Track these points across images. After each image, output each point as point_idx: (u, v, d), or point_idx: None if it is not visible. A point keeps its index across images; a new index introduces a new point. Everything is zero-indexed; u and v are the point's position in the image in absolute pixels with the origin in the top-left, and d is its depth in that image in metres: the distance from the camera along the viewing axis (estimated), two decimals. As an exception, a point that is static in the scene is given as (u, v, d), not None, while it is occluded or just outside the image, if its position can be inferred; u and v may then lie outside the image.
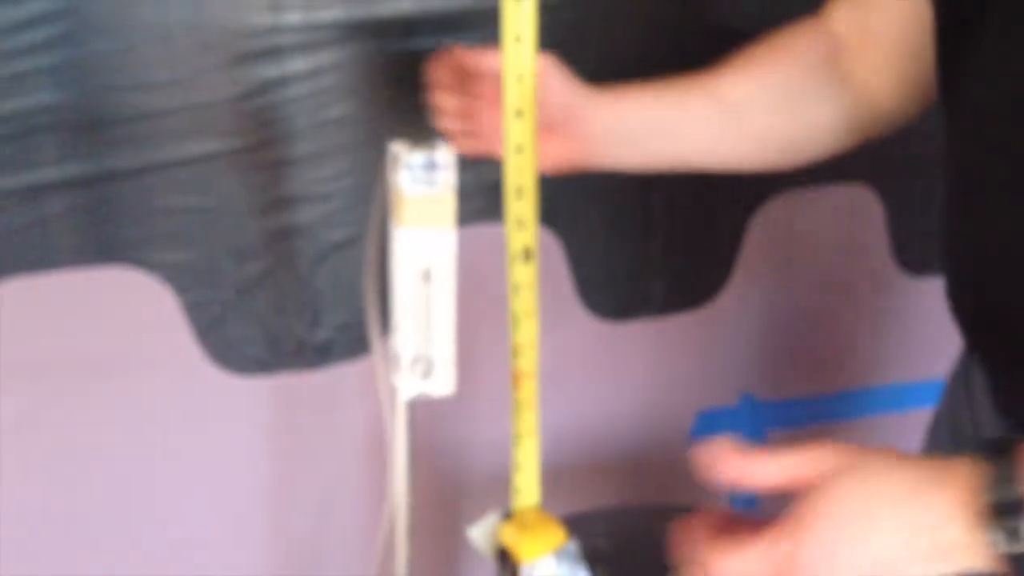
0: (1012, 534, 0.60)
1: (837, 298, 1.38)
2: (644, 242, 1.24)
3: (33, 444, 1.08)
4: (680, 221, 1.27)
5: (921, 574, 0.64)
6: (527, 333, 0.88)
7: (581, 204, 1.19)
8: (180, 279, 1.06)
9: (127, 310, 1.05)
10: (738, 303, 1.31)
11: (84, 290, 1.03)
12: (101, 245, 1.02)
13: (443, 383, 0.82)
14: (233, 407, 1.12)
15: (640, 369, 1.28)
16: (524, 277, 0.86)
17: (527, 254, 0.86)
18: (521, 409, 0.91)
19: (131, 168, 1.01)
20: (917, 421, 1.41)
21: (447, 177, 0.78)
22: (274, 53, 1.01)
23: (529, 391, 0.91)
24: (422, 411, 0.90)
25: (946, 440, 0.98)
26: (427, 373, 0.81)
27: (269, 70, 1.01)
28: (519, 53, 0.78)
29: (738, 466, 0.69)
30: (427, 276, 0.81)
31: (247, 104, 1.02)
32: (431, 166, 0.77)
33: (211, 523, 1.16)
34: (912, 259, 1.36)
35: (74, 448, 1.09)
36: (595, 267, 1.24)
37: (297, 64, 1.02)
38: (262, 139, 1.04)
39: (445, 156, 0.78)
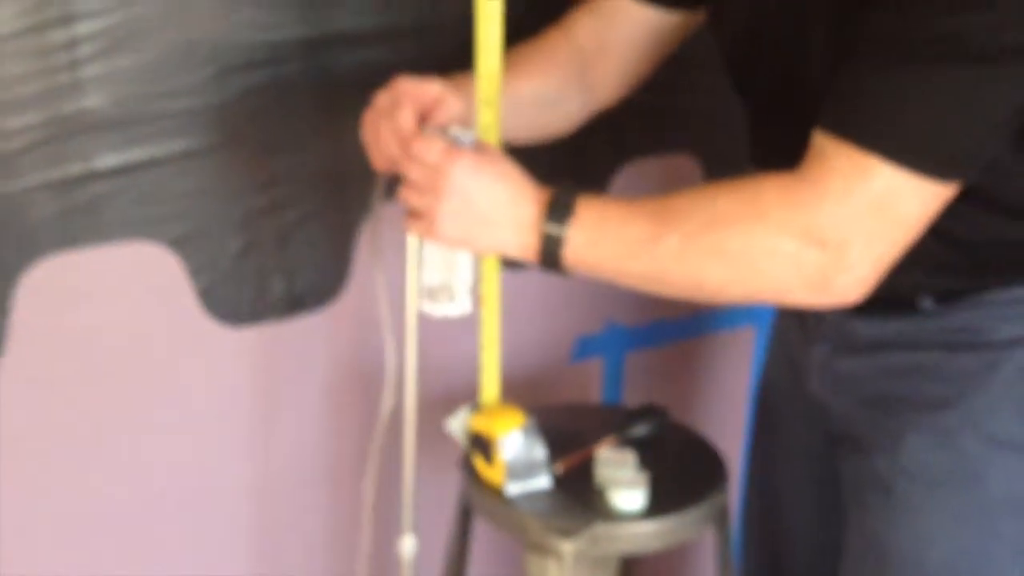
0: (557, 222, 0.99)
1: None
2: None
3: (63, 387, 1.27)
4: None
5: (496, 234, 1.01)
6: (491, 267, 1.18)
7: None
8: (185, 249, 1.28)
9: (144, 277, 1.27)
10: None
11: (109, 262, 1.24)
12: (125, 224, 1.24)
13: (463, 306, 1.10)
14: (226, 351, 1.35)
15: (529, 306, 1.58)
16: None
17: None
18: (486, 324, 1.20)
19: (150, 159, 1.23)
20: (746, 337, 1.79)
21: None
22: (257, 64, 1.26)
23: (492, 311, 1.20)
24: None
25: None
26: (451, 298, 1.09)
27: (253, 78, 1.26)
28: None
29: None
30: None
31: (236, 106, 1.26)
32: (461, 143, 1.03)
33: (208, 445, 1.38)
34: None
35: (93, 381, 1.29)
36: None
37: (272, 72, 1.27)
38: (248, 134, 1.28)
39: (471, 135, 1.04)
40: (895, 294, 1.04)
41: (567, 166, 1.49)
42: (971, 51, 0.89)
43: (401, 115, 1.05)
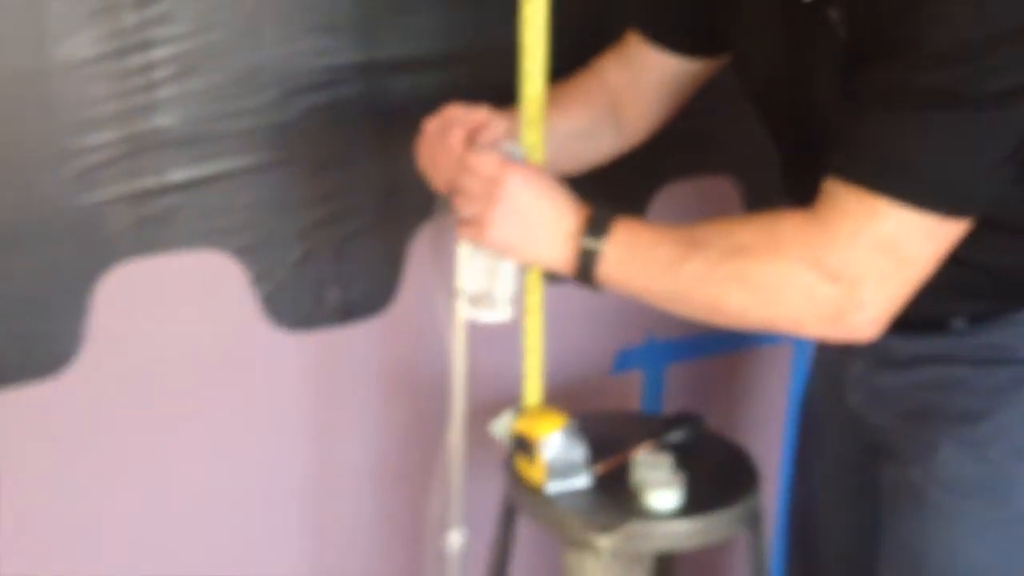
0: (593, 237, 1.06)
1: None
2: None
3: (134, 385, 1.36)
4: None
5: (539, 244, 1.09)
6: (535, 278, 1.25)
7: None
8: (248, 258, 1.37)
9: (210, 284, 1.36)
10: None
11: (179, 269, 1.33)
12: (194, 234, 1.33)
13: (503, 313, 1.17)
14: (284, 355, 1.43)
15: (572, 318, 1.63)
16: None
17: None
18: (529, 332, 1.27)
19: (218, 174, 1.32)
20: (784, 352, 1.83)
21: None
22: (316, 87, 1.35)
23: (535, 320, 1.27)
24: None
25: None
26: (492, 305, 1.16)
27: (312, 99, 1.35)
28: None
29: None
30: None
31: (296, 125, 1.35)
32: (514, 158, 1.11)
33: (265, 445, 1.46)
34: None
35: (161, 379, 1.37)
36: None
37: (331, 94, 1.36)
38: (307, 151, 1.36)
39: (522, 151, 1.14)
40: (927, 317, 1.10)
41: (605, 187, 1.56)
42: (961, 98, 0.94)
43: (453, 136, 1.14)
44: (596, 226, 1.07)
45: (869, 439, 1.27)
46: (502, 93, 1.26)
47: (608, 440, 1.37)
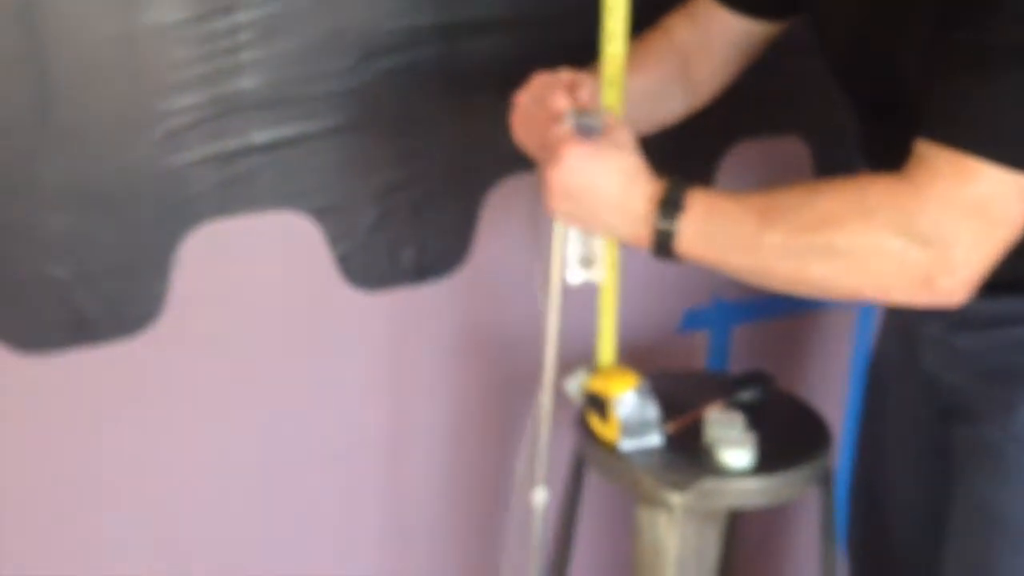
0: (668, 217, 1.06)
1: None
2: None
3: (214, 344, 1.39)
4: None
5: (609, 221, 1.11)
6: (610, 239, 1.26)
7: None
8: (325, 219, 1.39)
9: (288, 244, 1.39)
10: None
11: (258, 230, 1.36)
12: (275, 195, 1.35)
13: (599, 274, 1.21)
14: (362, 314, 1.46)
15: (641, 279, 1.63)
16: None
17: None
18: (604, 291, 1.29)
19: (297, 136, 1.34)
20: (848, 316, 1.84)
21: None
22: (395, 49, 1.36)
23: (610, 279, 1.29)
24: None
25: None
26: (589, 266, 1.19)
27: (391, 62, 1.36)
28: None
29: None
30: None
31: (375, 87, 1.37)
32: (590, 128, 1.11)
33: (344, 401, 1.49)
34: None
35: (242, 338, 1.41)
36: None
37: (409, 57, 1.38)
38: (385, 114, 1.38)
39: (599, 120, 1.12)
40: (1009, 278, 1.09)
41: (676, 147, 1.57)
42: None
43: (556, 101, 1.13)
44: (669, 205, 1.07)
45: (943, 400, 1.28)
46: (577, 54, 1.27)
47: (679, 399, 1.39)
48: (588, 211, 1.10)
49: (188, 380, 1.39)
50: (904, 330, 1.35)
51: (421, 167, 1.43)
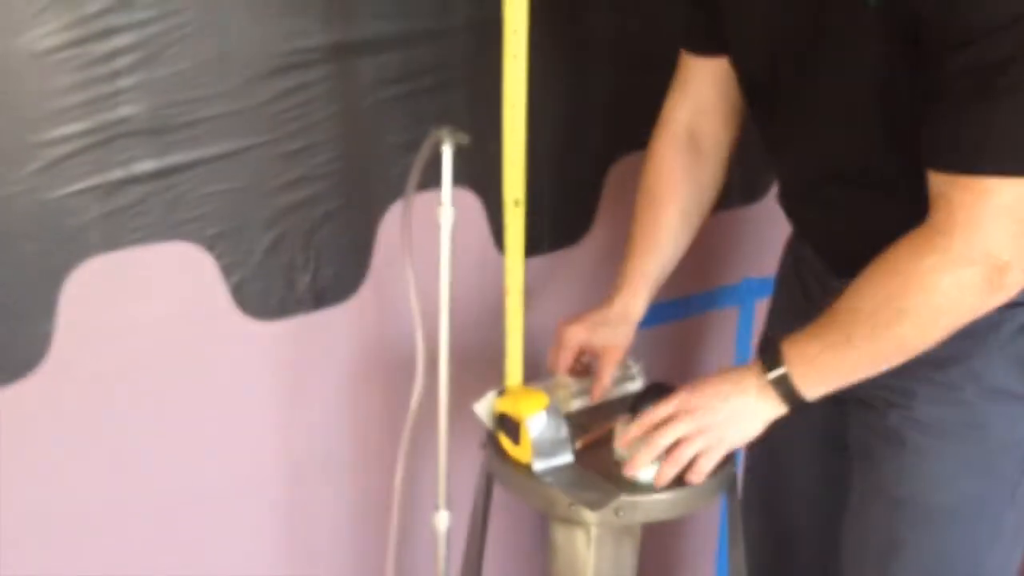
0: (784, 392, 1.18)
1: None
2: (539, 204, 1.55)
3: (104, 383, 1.33)
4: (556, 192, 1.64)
5: (743, 426, 1.21)
6: (515, 262, 1.26)
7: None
8: (217, 248, 1.34)
9: (180, 276, 1.33)
10: (598, 243, 1.72)
11: (147, 262, 1.30)
12: (163, 225, 1.29)
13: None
14: (258, 344, 1.41)
15: (537, 292, 1.64)
16: (513, 219, 1.24)
17: (516, 203, 1.24)
18: (511, 313, 1.28)
19: (184, 163, 1.29)
20: (726, 316, 1.89)
21: None
22: (284, 70, 1.32)
23: (515, 300, 1.28)
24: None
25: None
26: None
27: (281, 83, 1.32)
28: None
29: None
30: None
31: (265, 110, 1.32)
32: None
33: (240, 433, 1.45)
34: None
35: (133, 375, 1.35)
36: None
37: (299, 77, 1.33)
38: (276, 136, 1.34)
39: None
40: None
41: (563, 161, 1.60)
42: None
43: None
44: (771, 364, 1.18)
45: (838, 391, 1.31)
46: (469, 70, 1.27)
47: (583, 414, 1.40)
48: (734, 416, 1.20)
49: (79, 421, 1.32)
50: (793, 324, 1.36)
51: (314, 191, 1.39)
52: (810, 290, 1.39)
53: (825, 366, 1.17)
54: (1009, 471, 1.26)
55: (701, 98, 1.39)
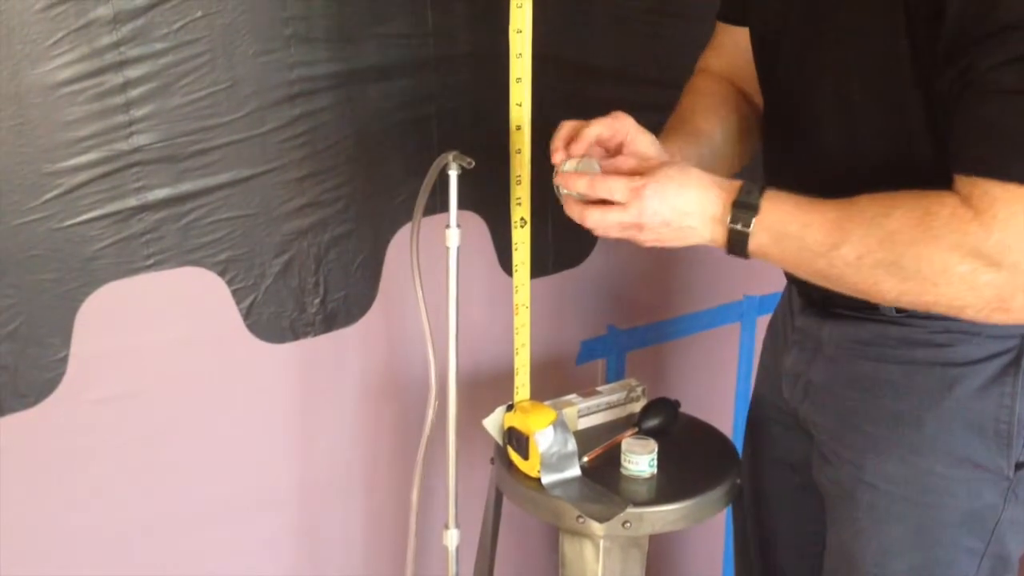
0: (743, 221, 1.07)
1: (661, 255, 1.83)
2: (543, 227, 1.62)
3: (119, 406, 1.35)
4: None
5: (691, 224, 1.09)
6: (523, 283, 1.28)
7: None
8: (229, 273, 1.37)
9: (193, 301, 1.36)
10: (601, 264, 1.76)
11: (161, 288, 1.32)
12: (176, 252, 1.32)
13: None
14: (270, 367, 1.44)
15: (542, 312, 1.67)
16: (520, 238, 1.27)
17: (522, 222, 1.27)
18: (519, 330, 1.31)
19: (196, 191, 1.32)
20: (728, 333, 1.91)
21: None
22: (292, 98, 1.36)
23: (524, 319, 1.31)
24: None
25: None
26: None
27: (289, 110, 1.36)
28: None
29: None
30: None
31: (274, 137, 1.36)
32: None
33: (253, 455, 1.47)
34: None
35: (147, 399, 1.37)
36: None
37: (307, 104, 1.37)
38: (285, 162, 1.37)
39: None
40: (854, 302, 1.10)
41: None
42: None
43: (625, 164, 1.14)
44: (743, 209, 1.08)
45: (814, 442, 1.28)
46: (477, 97, 1.28)
47: (591, 429, 1.43)
48: (674, 233, 1.11)
49: (95, 444, 1.34)
50: (769, 364, 1.36)
51: (323, 216, 1.43)
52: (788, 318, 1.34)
53: (787, 252, 1.09)
54: (975, 544, 1.18)
55: (734, 60, 1.35)
